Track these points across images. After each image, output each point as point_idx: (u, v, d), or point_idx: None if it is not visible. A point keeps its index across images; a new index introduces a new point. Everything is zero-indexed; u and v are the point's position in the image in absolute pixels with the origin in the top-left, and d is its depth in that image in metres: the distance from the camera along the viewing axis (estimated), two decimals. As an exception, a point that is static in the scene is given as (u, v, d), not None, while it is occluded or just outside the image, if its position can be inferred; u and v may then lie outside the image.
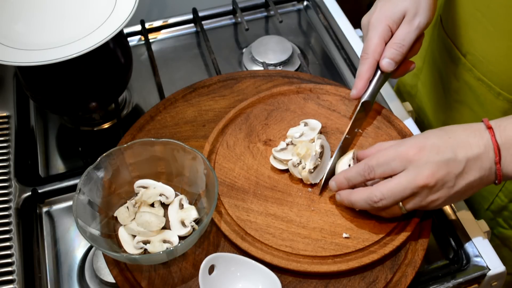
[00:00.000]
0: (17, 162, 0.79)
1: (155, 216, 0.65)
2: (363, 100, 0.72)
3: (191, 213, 0.66)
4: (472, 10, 0.74)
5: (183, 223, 0.66)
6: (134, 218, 0.66)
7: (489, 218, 0.85)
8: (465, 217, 0.72)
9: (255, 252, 0.63)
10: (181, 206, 0.67)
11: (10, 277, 0.68)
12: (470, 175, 0.59)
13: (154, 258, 0.61)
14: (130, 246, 0.64)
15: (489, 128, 0.60)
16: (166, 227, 0.66)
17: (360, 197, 0.62)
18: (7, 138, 0.82)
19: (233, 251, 0.65)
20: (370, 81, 0.72)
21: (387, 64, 0.70)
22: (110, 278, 0.67)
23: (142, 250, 0.64)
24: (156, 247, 0.63)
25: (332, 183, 0.66)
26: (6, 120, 0.85)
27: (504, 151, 0.59)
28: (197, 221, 0.66)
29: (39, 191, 0.76)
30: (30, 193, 0.76)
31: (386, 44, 0.71)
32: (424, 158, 0.59)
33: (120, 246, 0.65)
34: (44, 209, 0.77)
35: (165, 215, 0.67)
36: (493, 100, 0.76)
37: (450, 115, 0.87)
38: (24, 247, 0.71)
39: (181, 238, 0.65)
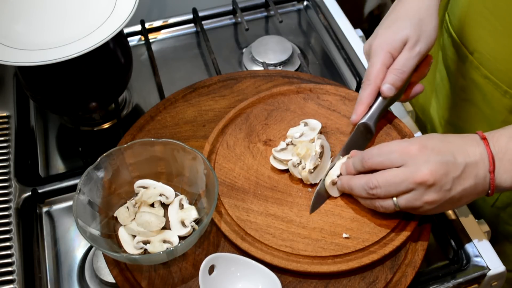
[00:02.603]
0: (17, 162, 0.79)
1: (155, 216, 0.65)
2: (360, 122, 0.72)
3: (191, 213, 0.66)
4: (480, 8, 0.73)
5: (183, 223, 0.66)
6: (134, 218, 0.66)
7: (493, 214, 0.85)
8: (465, 217, 0.72)
9: (255, 252, 0.63)
10: (181, 206, 0.67)
11: (10, 277, 0.68)
12: (466, 181, 0.59)
13: (154, 258, 0.61)
14: (130, 246, 0.64)
15: (484, 139, 0.61)
16: (166, 227, 0.66)
17: (358, 182, 0.63)
18: (7, 138, 0.82)
19: (233, 251, 0.65)
20: (371, 106, 0.72)
21: (387, 89, 0.71)
22: (110, 278, 0.67)
23: (142, 250, 0.64)
24: (156, 247, 0.63)
25: (342, 166, 0.67)
26: (6, 120, 0.85)
27: (497, 161, 0.60)
28: (197, 221, 0.66)
29: (39, 191, 0.76)
30: (30, 193, 0.76)
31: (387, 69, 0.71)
32: (424, 156, 0.59)
33: (120, 246, 0.65)
34: (44, 209, 0.77)
35: (165, 215, 0.67)
36: (500, 98, 0.76)
37: (456, 114, 0.86)
38: (24, 247, 0.71)
39: (181, 238, 0.65)
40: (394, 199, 0.61)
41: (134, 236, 0.65)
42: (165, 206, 0.69)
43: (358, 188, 0.63)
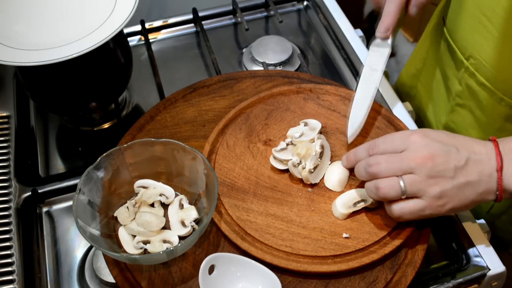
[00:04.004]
0: (17, 162, 0.79)
1: (155, 216, 0.65)
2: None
3: (191, 213, 0.66)
4: (477, 14, 0.73)
5: (183, 223, 0.66)
6: (134, 218, 0.66)
7: (489, 221, 0.84)
8: (465, 217, 0.72)
9: (255, 252, 0.63)
10: (181, 206, 0.67)
11: (10, 277, 0.68)
12: (471, 174, 0.59)
13: (154, 258, 0.61)
14: (130, 246, 0.64)
15: (494, 140, 0.61)
16: (166, 227, 0.66)
17: (360, 163, 0.64)
18: (7, 138, 0.82)
19: (233, 251, 0.65)
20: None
21: (415, 11, 0.73)
22: (110, 278, 0.67)
23: (142, 250, 0.64)
24: (156, 247, 0.63)
25: (343, 157, 0.69)
26: (6, 120, 0.85)
27: (506, 161, 0.59)
28: (197, 221, 0.66)
29: (39, 191, 0.76)
30: (30, 193, 0.76)
31: None
32: (425, 141, 0.60)
33: (120, 246, 0.65)
34: (44, 209, 0.77)
35: (165, 215, 0.67)
36: (495, 106, 0.75)
37: (451, 118, 0.86)
38: (24, 247, 0.71)
39: (181, 238, 0.65)
40: (400, 181, 0.60)
41: (134, 236, 0.65)
42: (165, 206, 0.69)
43: (360, 170, 0.64)
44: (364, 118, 0.72)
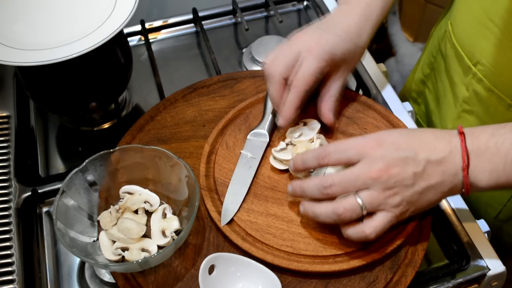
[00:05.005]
0: (17, 162, 0.79)
1: (136, 223, 0.64)
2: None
3: (173, 223, 0.65)
4: (484, 20, 0.72)
5: (163, 233, 0.64)
6: (116, 224, 0.65)
7: (496, 227, 0.83)
8: (465, 217, 0.72)
9: (256, 252, 0.63)
10: (164, 215, 0.66)
11: (10, 277, 0.68)
12: (432, 177, 0.57)
13: (126, 267, 0.61)
14: (109, 252, 0.63)
15: (461, 133, 0.58)
16: (148, 235, 0.65)
17: (312, 183, 0.61)
18: (7, 138, 0.82)
19: (233, 251, 0.65)
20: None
21: (330, 117, 0.71)
22: (110, 278, 0.67)
23: (120, 257, 0.63)
24: (134, 255, 0.62)
25: (290, 162, 0.65)
26: (6, 120, 0.85)
27: (474, 158, 0.57)
28: (178, 232, 0.65)
29: (39, 191, 0.76)
30: (30, 193, 0.76)
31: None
32: (380, 152, 0.57)
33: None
34: (44, 209, 0.77)
35: (148, 223, 0.67)
36: (504, 112, 0.75)
37: (457, 125, 0.85)
38: (24, 247, 0.71)
39: (160, 248, 0.64)
40: (357, 197, 0.57)
41: (114, 242, 0.64)
42: (149, 213, 0.68)
43: (312, 190, 0.60)
44: (239, 205, 0.66)
